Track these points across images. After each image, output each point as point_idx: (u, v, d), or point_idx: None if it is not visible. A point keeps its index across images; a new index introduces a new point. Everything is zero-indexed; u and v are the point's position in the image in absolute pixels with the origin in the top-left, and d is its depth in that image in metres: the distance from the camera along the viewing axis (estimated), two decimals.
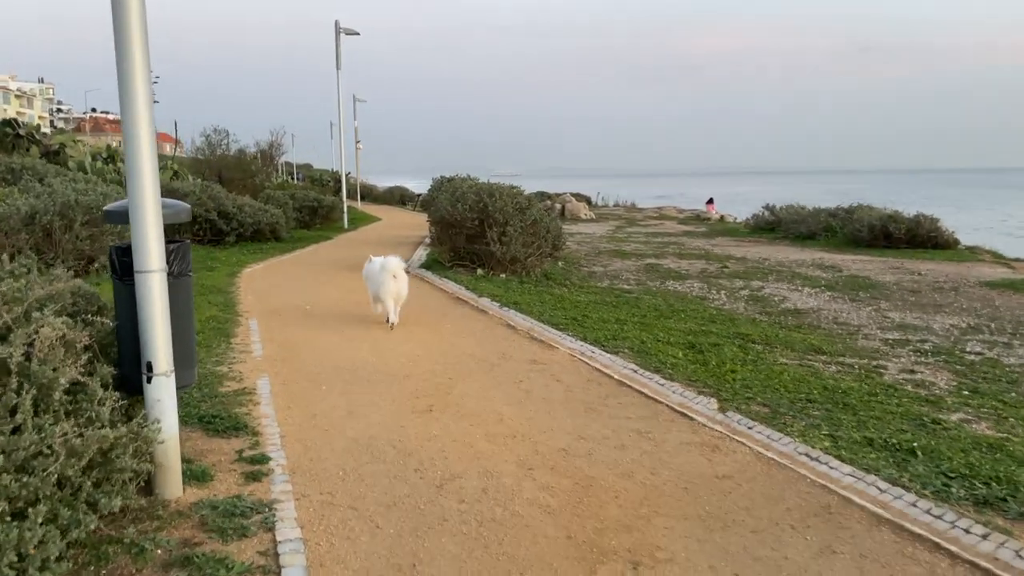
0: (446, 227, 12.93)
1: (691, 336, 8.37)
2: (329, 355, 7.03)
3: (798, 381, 6.47)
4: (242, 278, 12.20)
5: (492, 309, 9.50)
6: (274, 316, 8.98)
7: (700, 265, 16.07)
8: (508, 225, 12.43)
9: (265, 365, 6.60)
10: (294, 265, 14.40)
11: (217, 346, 7.26)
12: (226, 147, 28.18)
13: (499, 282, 11.96)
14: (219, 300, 9.83)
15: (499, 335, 8.04)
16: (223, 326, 8.18)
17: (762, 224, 24.98)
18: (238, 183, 27.91)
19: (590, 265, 15.75)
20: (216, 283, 11.28)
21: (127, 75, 3.57)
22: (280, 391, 5.81)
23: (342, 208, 25.49)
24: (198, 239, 18.34)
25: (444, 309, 9.66)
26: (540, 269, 12.97)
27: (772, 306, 11.29)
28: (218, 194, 18.50)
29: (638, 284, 13.27)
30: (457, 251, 13.13)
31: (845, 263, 16.87)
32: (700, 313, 10.19)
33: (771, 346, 8.16)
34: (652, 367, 6.68)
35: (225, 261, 14.44)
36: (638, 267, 15.60)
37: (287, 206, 21.27)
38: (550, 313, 9.30)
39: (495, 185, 13.04)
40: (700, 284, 13.42)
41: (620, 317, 9.36)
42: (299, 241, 19.24)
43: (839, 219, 21.84)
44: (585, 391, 5.91)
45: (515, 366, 6.67)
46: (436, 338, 7.88)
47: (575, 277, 13.36)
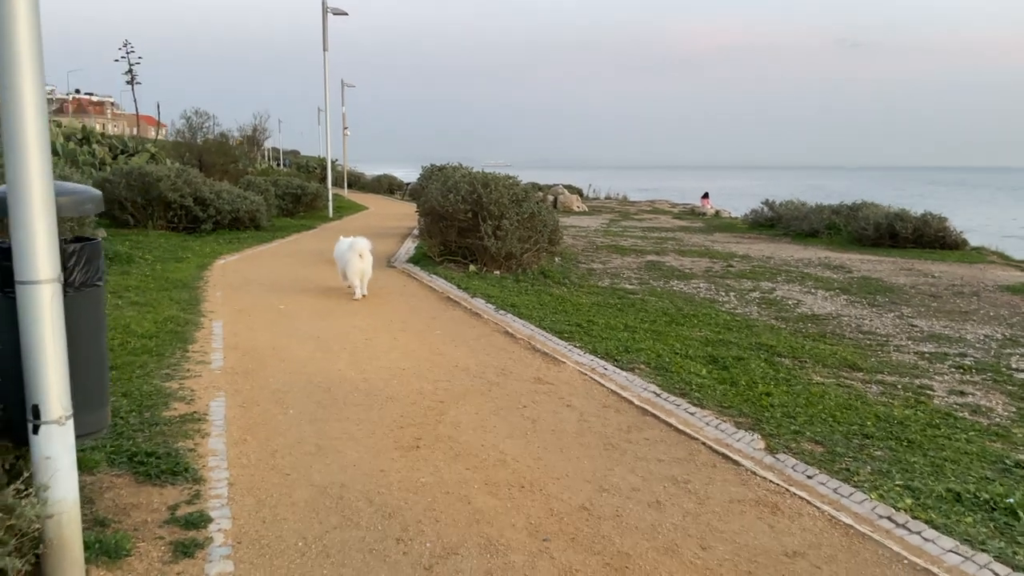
0: (436, 219, 11.91)
1: (709, 347, 7.42)
2: (301, 368, 6.02)
3: (844, 408, 5.53)
4: (213, 271, 11.12)
5: (487, 312, 8.50)
6: (243, 317, 7.95)
7: (704, 263, 15.13)
8: (503, 218, 11.42)
9: (223, 380, 5.58)
10: (272, 257, 13.33)
11: (170, 354, 6.22)
12: (208, 131, 26.95)
13: (493, 280, 10.97)
14: (182, 297, 8.77)
15: (496, 345, 7.05)
16: (181, 329, 7.14)
17: (761, 220, 24.08)
18: (219, 168, 26.73)
19: (588, 261, 14.78)
20: (183, 277, 10.21)
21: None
22: (237, 417, 4.80)
23: (327, 196, 24.35)
24: (172, 226, 17.24)
25: (433, 311, 8.65)
26: (537, 266, 11.98)
27: (787, 311, 10.37)
28: (194, 179, 17.36)
29: (641, 283, 12.31)
30: (448, 245, 12.11)
31: (853, 263, 15.99)
32: (713, 319, 9.24)
33: (800, 360, 7.23)
34: (676, 388, 5.71)
35: (198, 251, 13.35)
36: (639, 264, 14.64)
37: (268, 193, 20.13)
38: (552, 318, 8.31)
39: (490, 175, 12.02)
40: (706, 284, 12.48)
41: (628, 323, 8.40)
42: (280, 230, 18.14)
43: (842, 216, 20.96)
44: (602, 420, 4.93)
45: (517, 385, 5.68)
46: (424, 347, 6.88)
47: (574, 275, 12.38)
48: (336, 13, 22.61)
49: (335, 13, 22.58)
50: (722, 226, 25.76)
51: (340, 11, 22.59)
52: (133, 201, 16.88)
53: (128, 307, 8.09)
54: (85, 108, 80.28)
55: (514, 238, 11.45)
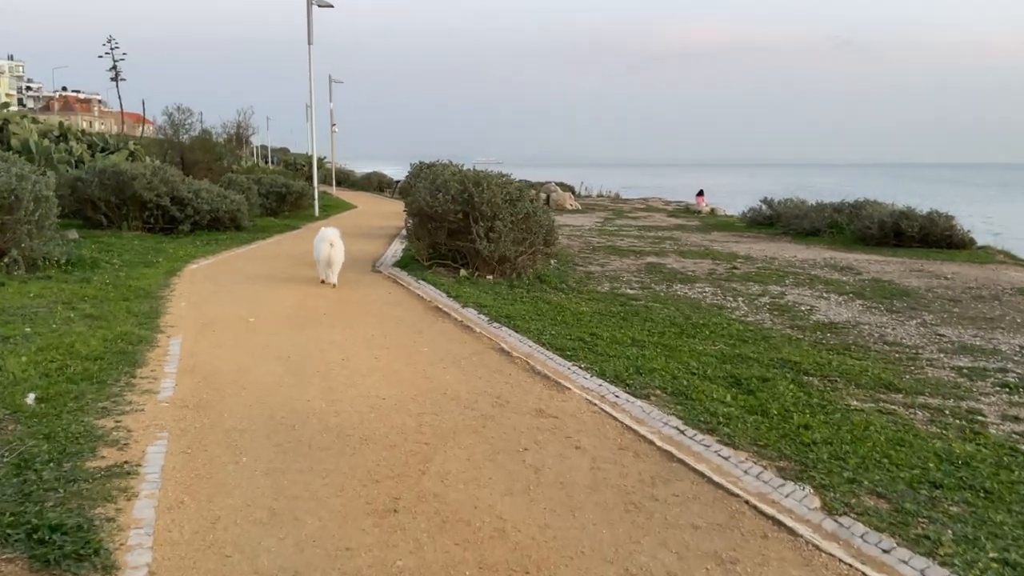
0: (425, 220, 11.02)
1: (728, 365, 6.58)
2: (264, 397, 5.13)
3: (897, 444, 4.70)
4: (182, 277, 10.20)
5: (480, 325, 7.62)
6: (206, 332, 7.04)
7: (706, 265, 14.30)
8: (496, 219, 10.54)
9: (169, 416, 4.69)
10: (249, 261, 12.40)
11: (114, 381, 5.32)
12: (190, 127, 25.95)
13: (486, 286, 10.10)
14: (142, 309, 7.85)
15: (490, 365, 6.17)
16: (133, 348, 6.23)
17: (759, 219, 23.29)
18: (202, 166, 25.75)
19: (586, 264, 13.92)
20: (147, 284, 9.28)
21: None
22: (177, 468, 3.91)
23: (313, 195, 23.40)
24: (148, 227, 16.29)
25: (420, 323, 7.76)
26: (532, 270, 11.12)
27: (801, 318, 9.55)
28: (171, 178, 16.40)
29: (643, 288, 11.47)
30: (437, 248, 11.23)
31: (860, 264, 15.20)
32: (725, 329, 8.40)
33: (829, 379, 6.40)
34: (701, 422, 4.86)
35: (171, 254, 12.42)
36: (639, 267, 13.79)
37: (251, 192, 19.17)
38: (551, 331, 7.45)
39: (481, 173, 11.14)
40: (712, 289, 11.65)
41: (635, 336, 7.54)
42: (262, 231, 17.21)
43: (844, 215, 20.19)
44: (619, 469, 4.07)
45: (515, 419, 4.81)
46: (409, 368, 6.00)
47: (572, 279, 11.52)
48: (321, 5, 21.64)
49: (320, 5, 21.61)
50: (719, 224, 24.96)
51: (325, 3, 21.62)
52: (107, 201, 15.93)
53: (80, 321, 7.17)
54: (72, 105, 78.77)
55: (508, 240, 10.58)
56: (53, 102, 78.50)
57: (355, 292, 9.45)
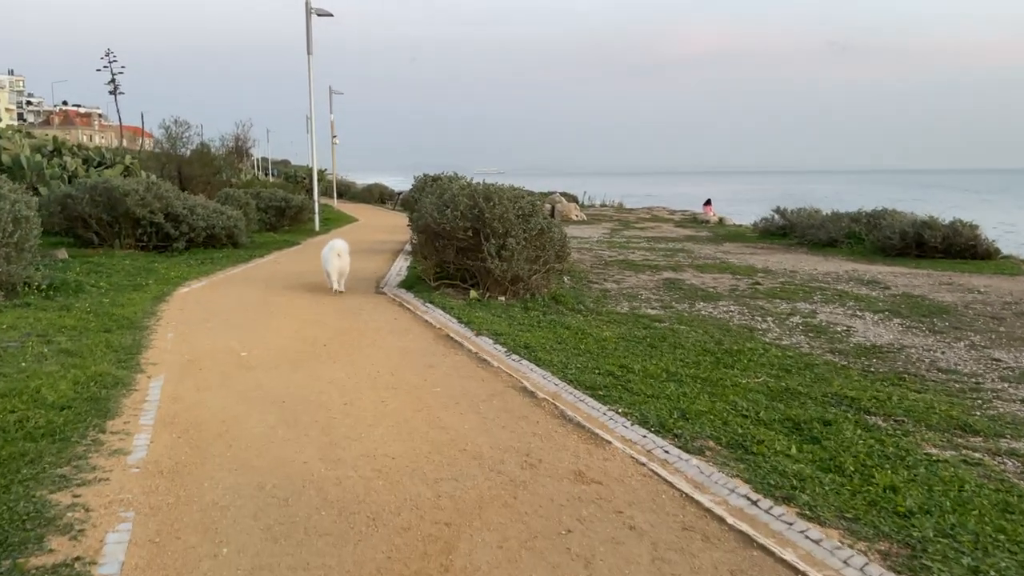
0: (432, 237, 10.25)
1: (780, 403, 5.80)
2: (253, 458, 4.35)
3: (1005, 511, 3.90)
4: (171, 303, 9.41)
5: (497, 357, 6.83)
6: (191, 371, 6.26)
7: (727, 280, 13.51)
8: (509, 236, 9.77)
9: (139, 488, 3.91)
10: (244, 282, 11.59)
11: (79, 438, 4.54)
12: (188, 140, 25.22)
13: (498, 308, 9.32)
14: (123, 342, 7.06)
15: (513, 409, 5.39)
16: (107, 393, 5.44)
17: (772, 229, 22.51)
18: (201, 180, 25.03)
19: (600, 280, 13.14)
20: (132, 312, 8.49)
21: None
22: (142, 568, 3.12)
23: (313, 208, 22.65)
24: (142, 245, 15.53)
25: (430, 355, 6.97)
26: (547, 290, 10.34)
27: (839, 340, 8.77)
28: (165, 193, 15.65)
29: (664, 307, 10.69)
30: (445, 267, 10.46)
31: (885, 277, 14.43)
32: (763, 356, 7.62)
33: (895, 419, 5.61)
34: (771, 485, 4.06)
35: (162, 275, 11.65)
36: (656, 283, 13.01)
37: (248, 207, 18.42)
38: (576, 364, 6.66)
39: (492, 186, 10.37)
40: (737, 307, 10.86)
41: (669, 368, 6.75)
42: (260, 247, 16.44)
43: (862, 225, 19.43)
44: (689, 561, 3.27)
45: (551, 487, 4.02)
46: (421, 415, 5.21)
47: (588, 299, 10.74)
48: (320, 14, 20.95)
49: (319, 14, 20.92)
50: (730, 235, 24.19)
51: (324, 12, 20.93)
52: (98, 218, 15.18)
53: (53, 358, 6.39)
54: (72, 120, 78.18)
55: (521, 259, 9.80)
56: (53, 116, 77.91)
57: (358, 318, 8.66)
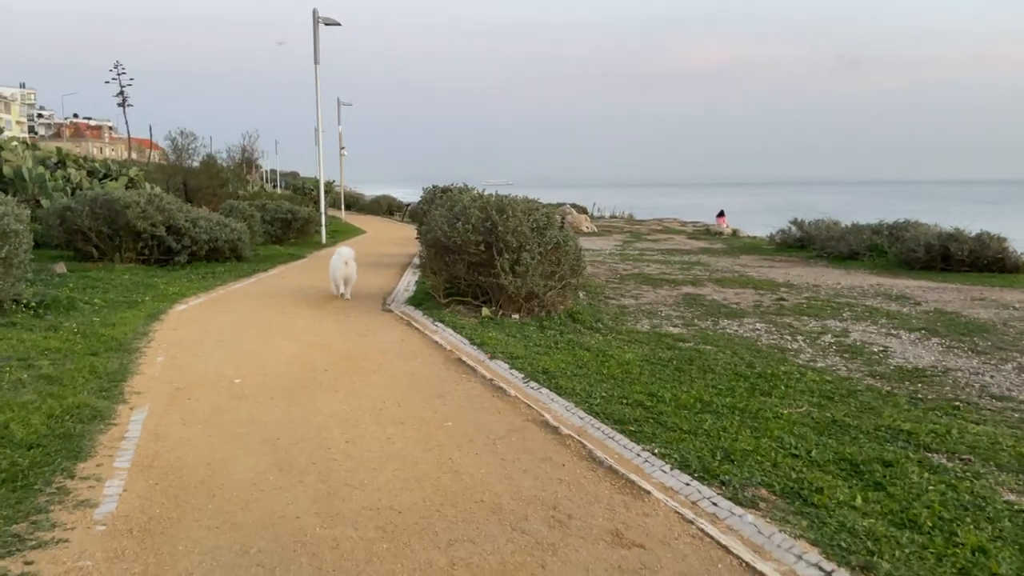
0: (442, 252, 9.67)
1: (829, 437, 5.18)
2: (238, 512, 3.75)
3: None
4: (166, 322, 8.84)
5: (513, 384, 6.23)
6: (179, 401, 5.68)
7: (749, 295, 12.88)
8: (523, 250, 9.19)
9: (103, 552, 3.31)
10: (245, 299, 11.02)
11: (43, 485, 3.95)
12: (194, 152, 24.79)
13: (512, 327, 8.72)
14: (109, 367, 6.49)
15: (535, 448, 4.78)
16: (82, 429, 4.86)
17: (789, 241, 21.88)
18: (207, 192, 24.58)
19: (617, 295, 12.52)
20: (122, 333, 7.92)
21: None
22: None
23: (320, 220, 22.13)
24: (143, 259, 15.02)
25: (440, 384, 6.36)
26: (563, 307, 9.74)
27: (878, 362, 8.14)
28: (167, 205, 15.14)
29: (687, 325, 10.07)
30: (456, 283, 9.88)
31: (913, 291, 13.78)
32: (800, 381, 6.99)
33: (960, 457, 4.98)
34: (842, 549, 3.43)
35: (161, 291, 11.11)
36: (676, 299, 12.38)
37: (253, 219, 17.91)
38: (601, 391, 6.05)
39: (506, 198, 9.79)
40: (764, 325, 10.23)
41: (702, 396, 6.13)
42: (264, 261, 15.90)
43: (884, 237, 18.78)
44: None
45: (586, 552, 3.40)
46: (431, 455, 4.61)
47: (607, 317, 10.12)
48: (328, 23, 20.50)
49: (326, 23, 20.47)
50: (746, 247, 23.55)
51: (332, 21, 20.48)
52: (98, 231, 14.68)
53: (31, 386, 5.82)
54: (82, 132, 78.23)
55: (536, 274, 9.22)
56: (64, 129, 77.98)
57: (363, 340, 8.07)
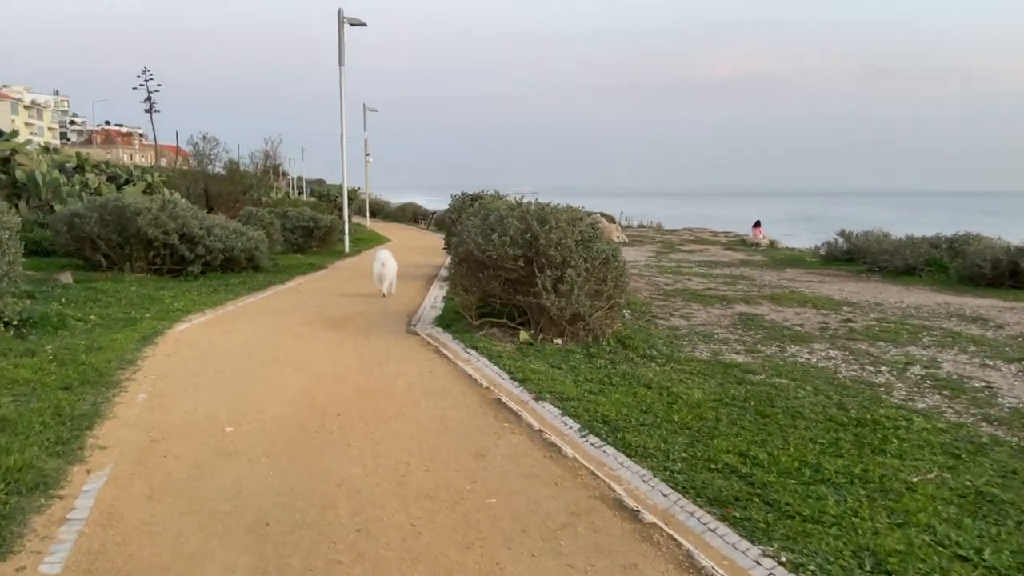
0: (474, 267, 8.43)
1: (990, 523, 3.85)
2: None
3: None
4: (161, 346, 7.67)
5: (568, 439, 4.95)
6: (153, 459, 4.47)
7: (811, 315, 11.49)
8: (568, 266, 7.93)
9: None
10: (255, 316, 9.84)
11: None
12: (216, 157, 23.85)
13: (556, 355, 7.46)
14: (79, 408, 5.30)
15: (612, 547, 3.49)
16: (15, 504, 3.64)
17: (836, 254, 20.41)
18: (228, 199, 23.61)
19: (665, 314, 11.19)
20: (106, 360, 6.73)
21: None
22: None
23: (343, 229, 21.02)
24: (154, 268, 13.97)
25: (477, 435, 5.10)
26: (611, 330, 8.46)
27: (986, 403, 6.74)
28: (182, 212, 14.10)
29: (750, 352, 8.74)
30: (490, 302, 8.64)
31: (987, 311, 12.31)
32: (909, 431, 5.62)
33: None
34: None
35: (165, 307, 9.98)
36: (731, 319, 11.03)
37: (272, 227, 16.83)
38: (678, 448, 4.75)
39: (547, 207, 8.53)
40: (838, 353, 8.86)
41: (803, 454, 4.81)
42: (282, 272, 14.78)
43: (943, 251, 17.28)
44: None
45: None
46: (471, 557, 3.34)
47: (660, 341, 8.80)
48: (354, 24, 19.44)
49: (352, 24, 19.41)
50: (788, 260, 22.08)
51: (358, 21, 19.41)
52: (107, 239, 13.67)
53: None
54: (113, 139, 78.28)
55: (582, 293, 7.95)
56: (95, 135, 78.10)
57: (384, 371, 6.83)
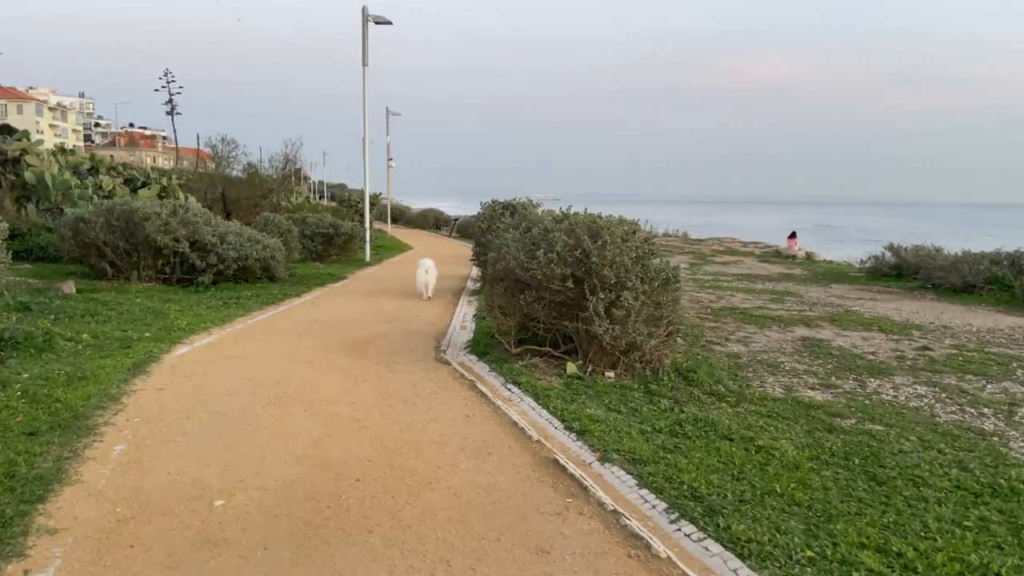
0: (516, 288, 7.31)
1: None
2: None
3: None
4: (154, 375, 6.59)
5: (651, 524, 3.79)
6: (111, 553, 3.35)
7: (880, 341, 10.24)
8: (624, 288, 6.79)
9: None
10: (265, 337, 8.74)
11: None
12: (234, 160, 22.95)
13: (612, 393, 6.31)
14: (34, 468, 4.20)
15: None
16: None
17: (884, 268, 19.08)
18: (246, 203, 22.69)
19: (720, 339, 9.99)
20: (86, 396, 5.65)
21: None
22: None
23: (364, 236, 19.99)
24: (164, 278, 13.00)
25: (536, 518, 3.93)
26: (670, 361, 7.30)
27: None
28: (193, 218, 13.12)
29: (826, 386, 7.55)
30: (531, 326, 7.51)
31: None
32: None
33: None
34: None
35: (169, 323, 8.95)
36: (793, 344, 9.81)
37: (290, 234, 15.82)
38: (798, 538, 3.59)
39: (600, 219, 7.39)
40: (927, 389, 7.64)
41: (957, 548, 3.65)
42: (299, 283, 13.74)
43: (1004, 268, 15.93)
44: None
45: None
46: None
47: (724, 374, 7.63)
48: (379, 22, 18.44)
49: (377, 22, 18.41)
50: (830, 274, 20.76)
51: (383, 19, 18.41)
52: (114, 246, 12.71)
53: None
54: (136, 141, 78.06)
55: (639, 319, 6.80)
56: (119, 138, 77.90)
57: (413, 413, 5.71)
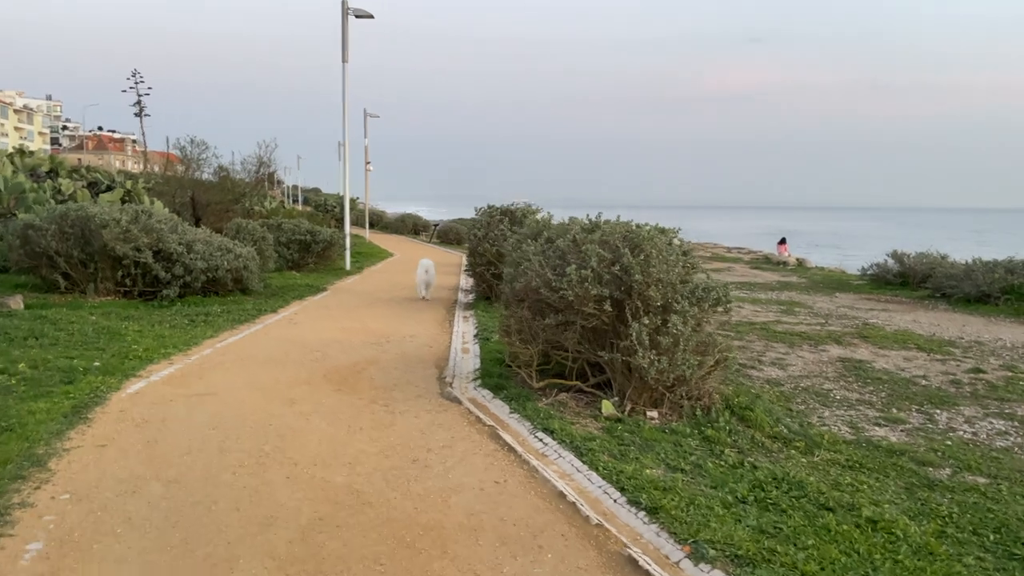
0: (538, 310, 6.10)
1: None
2: None
3: None
4: (96, 424, 5.22)
5: None
6: None
7: (923, 362, 9.19)
8: (673, 311, 5.62)
9: None
10: (237, 366, 7.37)
11: None
12: (204, 163, 21.44)
13: (662, 441, 5.14)
14: None
15: None
16: None
17: (888, 276, 18.22)
18: (217, 208, 21.19)
19: (752, 360, 8.83)
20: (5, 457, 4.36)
21: None
22: None
23: (344, 244, 18.65)
24: (124, 291, 11.60)
25: None
26: (719, 396, 6.14)
27: None
28: (156, 224, 11.72)
29: (887, 419, 6.47)
30: (554, 355, 6.29)
31: None
32: None
33: None
34: None
35: (125, 348, 7.59)
36: (833, 366, 8.72)
37: (264, 242, 14.45)
38: None
39: (640, 230, 6.21)
40: (1005, 423, 6.60)
41: None
42: (274, 296, 12.39)
43: (1020, 276, 15.09)
44: None
45: None
46: None
47: (778, 409, 6.50)
48: (359, 15, 17.15)
49: (357, 15, 17.12)
50: (829, 282, 19.86)
51: (364, 13, 17.12)
52: (68, 255, 11.30)
53: None
54: (105, 145, 75.40)
55: (688, 349, 5.64)
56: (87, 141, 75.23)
57: (426, 480, 4.44)
